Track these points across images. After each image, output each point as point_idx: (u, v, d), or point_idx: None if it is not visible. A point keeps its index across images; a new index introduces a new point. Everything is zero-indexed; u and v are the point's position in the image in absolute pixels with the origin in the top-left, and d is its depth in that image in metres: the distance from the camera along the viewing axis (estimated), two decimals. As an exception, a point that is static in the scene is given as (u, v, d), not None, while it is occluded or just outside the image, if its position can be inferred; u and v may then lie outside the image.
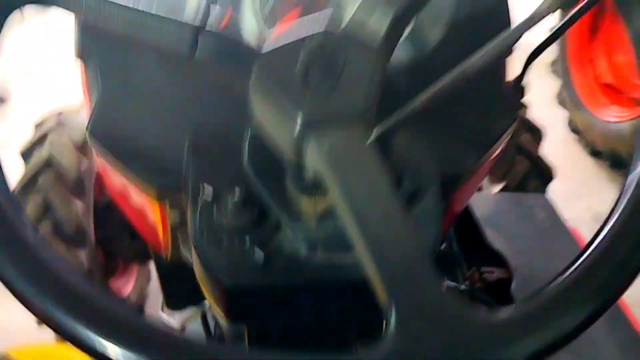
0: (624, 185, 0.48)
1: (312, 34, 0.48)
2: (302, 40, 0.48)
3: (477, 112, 0.68)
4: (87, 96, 0.69)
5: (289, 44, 0.48)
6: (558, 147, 2.46)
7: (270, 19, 0.69)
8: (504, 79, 0.71)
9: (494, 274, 1.16)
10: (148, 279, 1.92)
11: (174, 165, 0.63)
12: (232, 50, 0.48)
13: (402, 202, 0.43)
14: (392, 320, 0.39)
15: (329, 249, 0.56)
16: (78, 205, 1.61)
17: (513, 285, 1.13)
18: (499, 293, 1.13)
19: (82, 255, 1.58)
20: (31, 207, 1.56)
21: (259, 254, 0.55)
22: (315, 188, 0.57)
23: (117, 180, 0.71)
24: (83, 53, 0.68)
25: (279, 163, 0.57)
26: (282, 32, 0.49)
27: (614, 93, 2.41)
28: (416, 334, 0.39)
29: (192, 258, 0.59)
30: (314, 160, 0.45)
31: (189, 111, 0.65)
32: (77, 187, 1.62)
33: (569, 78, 2.54)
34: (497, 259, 1.17)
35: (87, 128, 0.63)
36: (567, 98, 2.58)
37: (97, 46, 0.66)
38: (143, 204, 0.73)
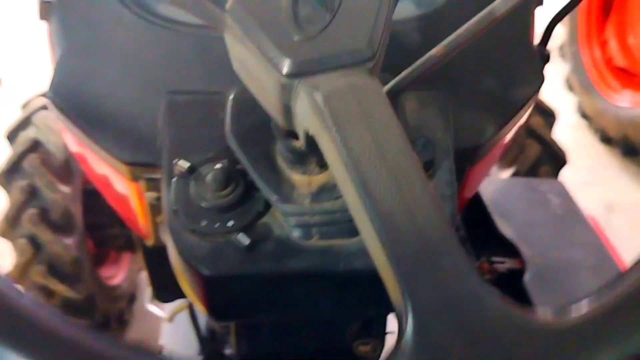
0: None
1: None
2: None
3: (499, 76, 0.59)
4: (52, 55, 0.61)
5: None
6: (567, 134, 2.37)
7: None
8: (531, 41, 0.62)
9: (505, 264, 1.08)
10: (140, 267, 1.85)
11: (147, 136, 0.54)
12: None
13: (419, 162, 0.33)
14: (408, 324, 0.29)
15: (326, 233, 0.48)
16: (65, 190, 1.53)
17: (526, 277, 1.05)
18: (511, 285, 1.05)
19: (70, 243, 1.51)
20: (16, 192, 1.48)
21: (243, 239, 0.47)
22: (309, 161, 0.48)
23: (94, 163, 0.63)
24: (45, 11, 0.59)
25: (267, 132, 0.49)
26: None
27: (627, 77, 2.31)
28: (441, 344, 0.28)
29: (167, 243, 0.51)
30: (305, 114, 0.36)
31: (163, 73, 0.57)
32: (64, 171, 1.55)
33: (580, 61, 2.45)
34: (509, 249, 1.09)
35: (46, 94, 0.55)
36: (576, 82, 2.48)
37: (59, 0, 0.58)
38: (122, 188, 0.65)
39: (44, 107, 1.60)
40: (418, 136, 0.50)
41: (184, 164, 0.49)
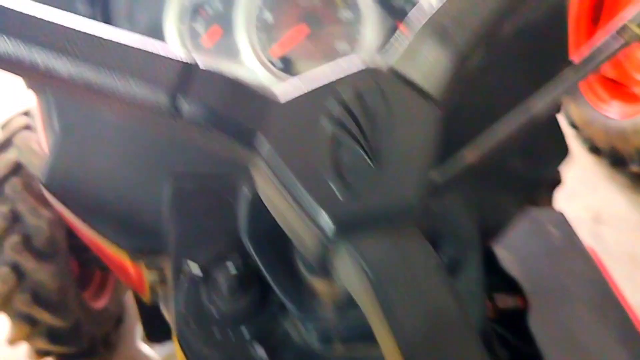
0: None
1: (345, 76, 0.35)
2: (330, 87, 0.34)
3: (524, 150, 0.56)
4: (44, 133, 0.57)
5: (309, 93, 0.34)
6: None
7: (270, 36, 0.57)
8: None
9: (507, 302, 1.05)
10: (126, 289, 1.80)
11: (150, 224, 0.51)
12: (228, 114, 0.34)
13: (476, 338, 0.29)
14: None
15: (349, 340, 0.45)
16: (48, 214, 1.48)
17: (530, 318, 1.03)
18: (514, 324, 1.03)
19: (54, 269, 1.46)
20: (-2, 223, 1.43)
21: (259, 350, 0.43)
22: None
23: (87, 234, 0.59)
24: (33, 84, 0.55)
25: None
26: (301, 78, 0.36)
27: (616, 87, 2.31)
28: None
29: (175, 348, 0.47)
30: (347, 278, 0.32)
31: (165, 154, 0.53)
32: (47, 195, 1.49)
33: (568, 71, 2.43)
34: (510, 284, 1.07)
35: (40, 180, 0.51)
36: (565, 91, 2.47)
37: None
38: (119, 260, 0.61)
39: (26, 127, 1.54)
40: (444, 229, 0.47)
41: (194, 268, 0.45)
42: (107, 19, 0.57)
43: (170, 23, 0.59)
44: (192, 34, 0.60)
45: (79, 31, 0.32)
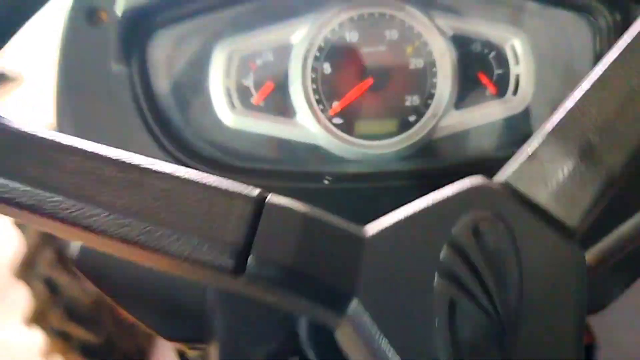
0: None
1: (458, 210, 0.26)
2: (442, 228, 0.26)
3: None
4: None
5: (416, 238, 0.26)
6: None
7: (330, 91, 0.51)
8: None
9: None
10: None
11: (192, 312, 0.45)
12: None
13: None
14: None
15: None
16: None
17: (596, 350, 0.95)
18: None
19: (88, 284, 1.43)
20: (31, 233, 1.39)
21: None
22: None
23: None
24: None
25: None
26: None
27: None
28: None
29: None
30: None
31: None
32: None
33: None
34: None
35: (71, 257, 0.45)
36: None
37: None
38: None
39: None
40: None
41: None
42: (145, 77, 0.51)
43: (216, 78, 0.52)
44: (240, 90, 0.53)
45: (114, 169, 0.25)
